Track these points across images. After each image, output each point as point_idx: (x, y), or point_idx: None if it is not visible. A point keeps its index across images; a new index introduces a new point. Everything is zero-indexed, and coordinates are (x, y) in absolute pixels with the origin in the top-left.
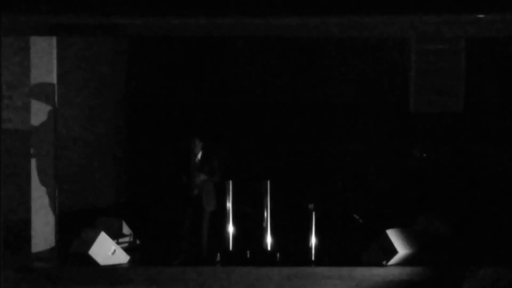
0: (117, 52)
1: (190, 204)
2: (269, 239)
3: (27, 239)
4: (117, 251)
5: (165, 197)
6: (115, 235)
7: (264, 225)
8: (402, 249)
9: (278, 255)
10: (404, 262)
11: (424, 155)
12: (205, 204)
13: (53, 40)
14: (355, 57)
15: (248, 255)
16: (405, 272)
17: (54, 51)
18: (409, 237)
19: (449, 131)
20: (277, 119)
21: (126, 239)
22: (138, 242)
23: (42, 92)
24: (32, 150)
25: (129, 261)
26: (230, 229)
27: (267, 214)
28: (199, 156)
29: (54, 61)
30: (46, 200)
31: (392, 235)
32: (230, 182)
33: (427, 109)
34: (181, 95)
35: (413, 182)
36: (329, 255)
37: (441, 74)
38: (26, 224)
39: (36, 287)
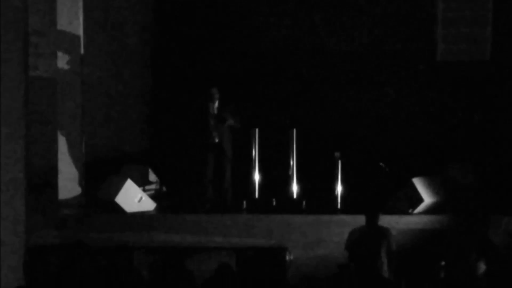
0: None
1: (212, 151)
2: (295, 187)
3: (54, 185)
4: (143, 198)
5: (189, 145)
6: (142, 182)
7: (290, 173)
8: (428, 198)
9: (304, 203)
10: (430, 211)
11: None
12: (227, 150)
13: None
14: (381, 5)
15: (274, 203)
16: (430, 220)
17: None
18: (435, 185)
19: (476, 80)
20: (303, 67)
21: (153, 186)
22: (164, 189)
23: (69, 40)
24: (58, 97)
25: (156, 209)
26: (256, 176)
27: (293, 162)
28: (216, 104)
29: (81, 10)
30: (73, 147)
31: (418, 183)
32: (256, 130)
33: (454, 57)
34: (207, 44)
35: (440, 131)
36: (355, 203)
37: (468, 21)
38: (53, 170)
39: (63, 233)
